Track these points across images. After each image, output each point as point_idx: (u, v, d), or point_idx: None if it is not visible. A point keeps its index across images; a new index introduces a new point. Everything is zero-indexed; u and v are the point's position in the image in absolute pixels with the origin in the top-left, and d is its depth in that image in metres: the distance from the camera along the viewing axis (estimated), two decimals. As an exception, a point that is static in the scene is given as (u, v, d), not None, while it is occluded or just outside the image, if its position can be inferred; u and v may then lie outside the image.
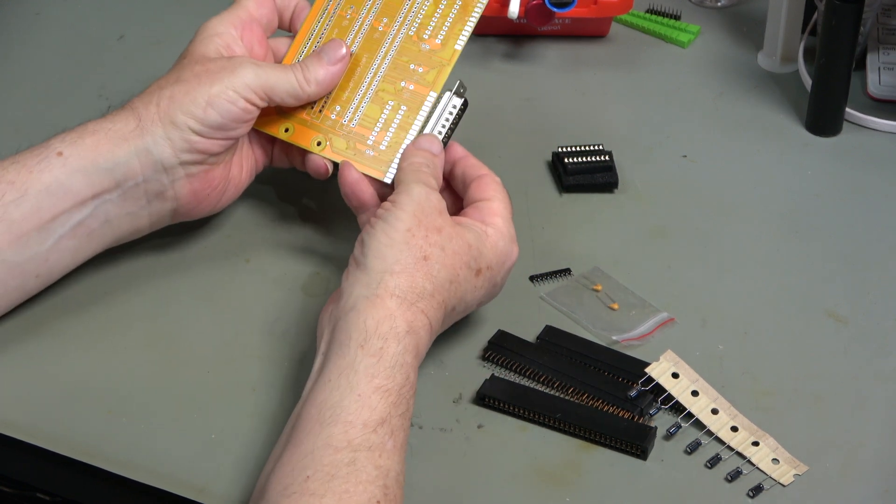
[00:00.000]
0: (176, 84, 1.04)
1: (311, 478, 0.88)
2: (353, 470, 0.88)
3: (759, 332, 1.07)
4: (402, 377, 0.93)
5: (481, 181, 1.04)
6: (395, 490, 0.89)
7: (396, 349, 0.93)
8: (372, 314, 0.94)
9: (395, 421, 0.91)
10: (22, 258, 1.01)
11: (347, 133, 1.08)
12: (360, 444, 0.89)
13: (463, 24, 1.09)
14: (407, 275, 0.96)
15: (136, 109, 1.03)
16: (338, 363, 0.93)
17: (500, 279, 1.02)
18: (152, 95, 1.04)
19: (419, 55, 1.09)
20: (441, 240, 0.98)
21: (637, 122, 1.26)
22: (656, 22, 1.36)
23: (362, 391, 0.91)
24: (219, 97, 1.03)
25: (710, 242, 1.15)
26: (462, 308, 1.00)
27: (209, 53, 1.06)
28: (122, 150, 1.02)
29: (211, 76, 1.04)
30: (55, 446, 0.98)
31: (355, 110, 1.08)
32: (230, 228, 1.14)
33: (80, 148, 1.02)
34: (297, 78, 1.06)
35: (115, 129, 1.03)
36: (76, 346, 1.05)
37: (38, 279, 1.03)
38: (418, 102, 1.08)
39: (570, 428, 0.99)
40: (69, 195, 1.01)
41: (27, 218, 1.00)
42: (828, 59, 1.21)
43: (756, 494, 0.96)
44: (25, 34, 1.34)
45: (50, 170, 1.01)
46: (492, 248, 1.01)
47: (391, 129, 1.07)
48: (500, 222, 1.02)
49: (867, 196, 1.19)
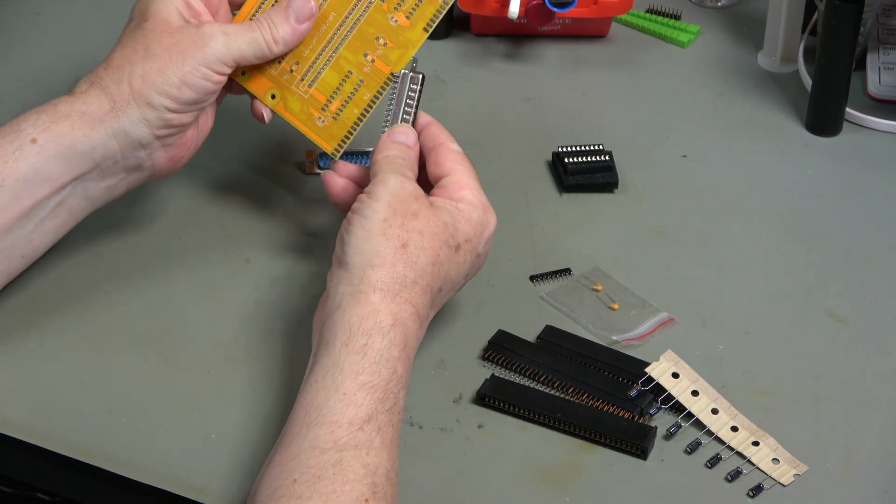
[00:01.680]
0: (146, 60, 1.02)
1: (297, 481, 0.87)
2: (339, 470, 0.88)
3: (759, 332, 1.07)
4: (388, 372, 0.93)
5: (437, 154, 1.03)
6: (385, 487, 0.89)
7: (381, 344, 0.93)
8: (356, 311, 0.94)
9: (382, 417, 0.91)
10: (5, 244, 1.01)
11: (303, 94, 1.07)
12: (346, 444, 0.89)
13: (435, 6, 1.07)
14: (388, 266, 0.96)
15: (107, 88, 1.02)
16: (324, 363, 0.93)
17: (483, 249, 1.02)
18: (122, 71, 1.02)
19: (387, 28, 1.07)
20: (419, 224, 0.98)
21: (637, 122, 1.26)
22: (656, 22, 1.36)
23: (347, 389, 0.91)
24: (192, 74, 1.02)
25: (710, 242, 1.15)
26: (449, 287, 1.00)
27: (172, 19, 1.04)
28: (97, 133, 1.01)
29: (182, 51, 1.02)
30: (55, 446, 0.98)
31: (314, 72, 1.07)
32: (230, 228, 1.14)
33: (55, 134, 1.01)
34: (264, 39, 1.05)
35: (90, 111, 1.02)
36: (76, 346, 1.05)
37: (23, 259, 1.03)
38: (377, 81, 1.07)
39: (570, 428, 0.99)
40: (48, 181, 1.01)
41: (7, 207, 1.00)
42: (828, 59, 1.21)
43: (756, 494, 0.96)
44: (25, 34, 1.34)
45: (25, 158, 1.00)
46: (466, 221, 1.00)
47: (346, 101, 1.07)
48: (468, 194, 1.01)
49: (867, 196, 1.19)
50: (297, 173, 1.19)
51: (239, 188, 1.17)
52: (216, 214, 1.15)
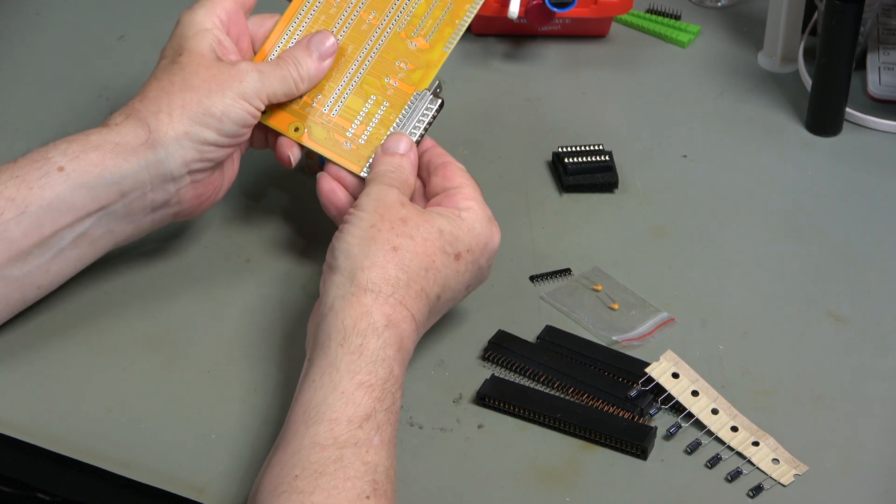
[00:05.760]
0: (185, 92, 1.02)
1: (299, 476, 0.88)
2: (340, 466, 0.88)
3: (759, 332, 1.07)
4: (384, 371, 0.93)
5: (446, 169, 1.04)
6: (384, 485, 0.89)
7: (376, 344, 0.93)
8: (349, 313, 0.94)
9: (380, 416, 0.91)
10: (22, 272, 1.00)
11: (327, 122, 1.07)
12: (346, 441, 0.89)
13: (453, 27, 1.08)
14: (378, 268, 0.96)
15: (144, 119, 1.02)
16: (320, 364, 0.93)
17: (485, 262, 1.02)
18: (160, 103, 1.02)
19: (406, 53, 1.08)
20: (408, 230, 0.98)
21: (637, 122, 1.26)
22: (656, 22, 1.36)
23: (345, 388, 0.91)
24: (233, 106, 1.03)
25: (710, 242, 1.15)
26: (449, 295, 1.00)
27: (206, 53, 1.05)
28: (129, 164, 1.01)
29: (221, 84, 1.03)
30: (55, 446, 0.98)
31: (336, 100, 1.08)
32: (230, 228, 1.14)
33: (84, 163, 1.00)
34: (292, 78, 1.06)
35: (123, 142, 1.01)
36: (76, 347, 1.05)
37: (39, 290, 1.03)
38: (402, 101, 1.07)
39: (570, 428, 0.99)
40: (71, 210, 1.00)
41: (27, 234, 0.99)
42: (828, 59, 1.21)
43: (756, 494, 0.96)
44: (25, 34, 1.34)
45: (51, 186, 0.99)
46: (468, 230, 1.00)
47: (371, 123, 1.07)
48: (474, 206, 1.01)
49: (867, 196, 1.19)
50: (298, 173, 1.19)
51: (239, 188, 1.17)
52: (217, 214, 1.15)
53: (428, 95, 1.07)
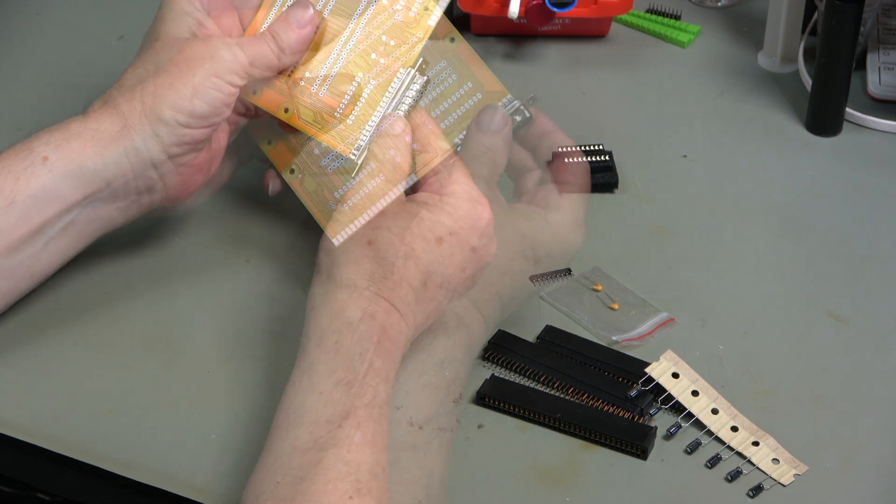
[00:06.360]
0: (156, 76, 1.02)
1: (280, 483, 0.87)
2: (321, 469, 0.87)
3: (759, 332, 1.07)
4: (363, 366, 0.92)
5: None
6: (369, 483, 0.88)
7: (352, 339, 0.93)
8: (325, 311, 0.94)
9: (361, 412, 0.90)
10: (14, 262, 1.01)
11: (315, 102, 1.07)
12: (325, 443, 0.89)
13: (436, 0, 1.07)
14: (353, 263, 0.96)
15: (118, 107, 1.02)
16: (301, 366, 0.93)
17: (477, 241, 0.99)
18: (133, 90, 1.02)
19: (391, 27, 1.07)
20: (385, 222, 0.97)
21: (637, 122, 1.26)
22: (656, 22, 1.36)
23: (323, 388, 0.91)
24: (203, 86, 1.02)
25: (710, 242, 1.15)
26: (438, 280, 0.97)
27: (181, 34, 1.04)
28: (109, 152, 1.01)
29: (191, 64, 1.02)
30: (55, 446, 0.98)
31: (324, 79, 1.07)
32: (230, 228, 1.14)
33: (66, 152, 1.01)
34: (272, 50, 1.05)
35: (101, 129, 1.02)
36: (76, 346, 1.05)
37: (31, 279, 1.03)
38: (388, 78, 1.07)
39: (570, 428, 0.99)
40: (58, 200, 1.01)
41: (17, 225, 1.00)
42: (828, 59, 1.21)
43: (756, 494, 0.96)
44: (25, 34, 1.34)
45: (37, 176, 1.00)
46: (449, 214, 0.98)
47: (359, 103, 1.07)
48: (457, 188, 1.00)
49: (867, 196, 1.19)
50: (297, 173, 1.19)
51: (239, 188, 1.17)
52: (216, 214, 1.15)
53: (412, 73, 1.06)
